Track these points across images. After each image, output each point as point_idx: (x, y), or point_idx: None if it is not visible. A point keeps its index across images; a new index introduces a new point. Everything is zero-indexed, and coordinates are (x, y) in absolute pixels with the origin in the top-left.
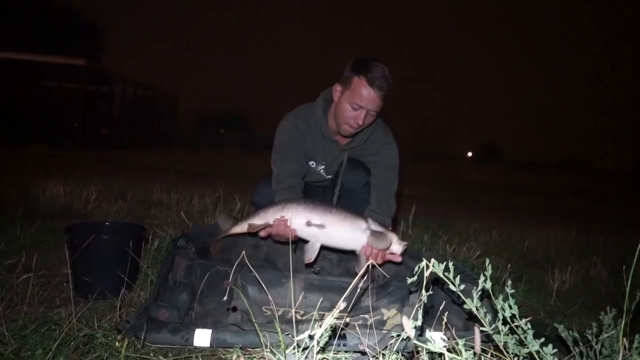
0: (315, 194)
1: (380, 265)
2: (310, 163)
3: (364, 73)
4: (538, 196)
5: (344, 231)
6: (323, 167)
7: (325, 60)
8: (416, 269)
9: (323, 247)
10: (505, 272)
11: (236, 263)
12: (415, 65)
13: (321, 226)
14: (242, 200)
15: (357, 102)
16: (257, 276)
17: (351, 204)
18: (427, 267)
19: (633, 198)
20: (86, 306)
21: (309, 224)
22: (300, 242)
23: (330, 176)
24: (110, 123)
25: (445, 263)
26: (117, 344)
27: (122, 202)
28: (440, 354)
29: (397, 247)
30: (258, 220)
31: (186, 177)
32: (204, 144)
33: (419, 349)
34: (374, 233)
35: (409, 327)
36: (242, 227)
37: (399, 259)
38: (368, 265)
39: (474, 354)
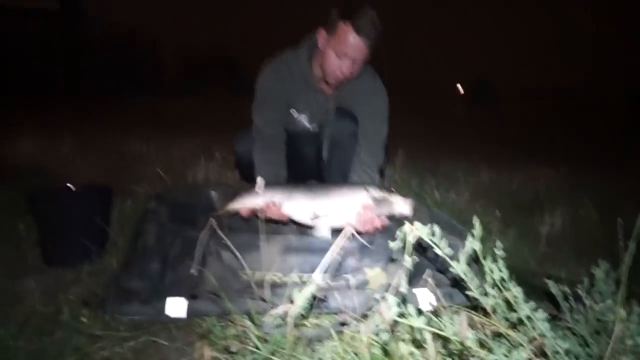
0: (301, 145)
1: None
2: (292, 112)
3: (351, 19)
4: (528, 132)
5: (348, 208)
6: (306, 116)
7: None
8: (398, 233)
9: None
10: (493, 218)
11: (206, 227)
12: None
13: (326, 215)
14: (223, 149)
15: (343, 51)
16: (228, 242)
17: (338, 154)
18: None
19: (619, 129)
20: (52, 276)
21: (314, 216)
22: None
23: (313, 124)
24: (90, 69)
25: (430, 226)
26: (83, 319)
27: (99, 155)
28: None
29: (405, 207)
30: (251, 204)
31: (167, 125)
32: (188, 88)
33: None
34: (375, 201)
35: (389, 314)
36: (233, 209)
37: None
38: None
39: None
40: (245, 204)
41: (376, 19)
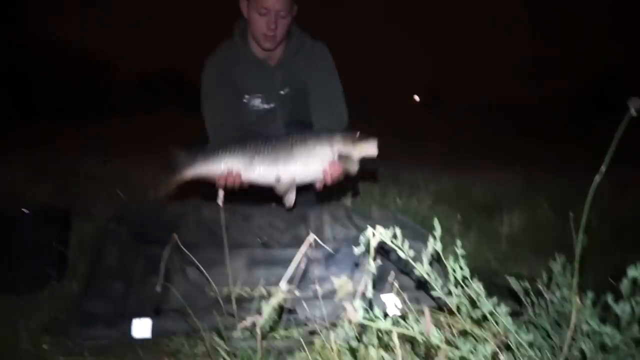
0: (260, 128)
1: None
2: (245, 99)
3: None
4: (483, 139)
5: (313, 169)
6: (259, 98)
7: None
8: (362, 238)
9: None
10: (455, 221)
11: (169, 246)
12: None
13: (292, 179)
14: None
15: (262, 6)
16: (193, 258)
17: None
18: (374, 235)
19: (570, 132)
20: (10, 304)
21: (278, 179)
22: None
23: (271, 105)
24: (38, 92)
25: (392, 230)
26: (44, 346)
27: (54, 178)
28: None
29: (371, 150)
30: (215, 169)
31: (122, 146)
32: (141, 108)
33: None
34: (340, 159)
35: (355, 315)
36: (195, 174)
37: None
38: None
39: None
40: (202, 171)
41: None
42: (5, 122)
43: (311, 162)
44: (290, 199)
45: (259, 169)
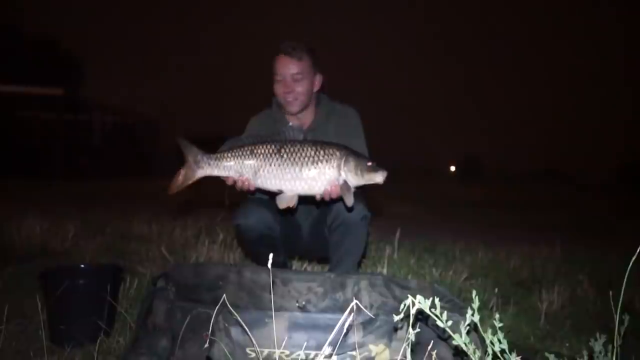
0: None
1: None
2: None
3: (275, 52)
4: (521, 210)
5: (317, 189)
6: None
7: None
8: (402, 306)
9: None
10: (492, 295)
11: (217, 306)
12: (396, 80)
13: (294, 195)
14: (224, 230)
15: (277, 73)
16: (239, 318)
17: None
18: (413, 304)
19: (613, 207)
20: (62, 357)
21: (280, 192)
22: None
23: None
24: (90, 153)
25: (431, 299)
26: None
27: (102, 237)
28: None
29: (378, 181)
30: (225, 172)
31: (168, 206)
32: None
33: None
34: (343, 187)
35: None
36: (205, 175)
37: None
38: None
39: None
40: (212, 174)
41: (297, 41)
42: (58, 181)
43: (316, 184)
44: (287, 207)
45: (263, 180)
